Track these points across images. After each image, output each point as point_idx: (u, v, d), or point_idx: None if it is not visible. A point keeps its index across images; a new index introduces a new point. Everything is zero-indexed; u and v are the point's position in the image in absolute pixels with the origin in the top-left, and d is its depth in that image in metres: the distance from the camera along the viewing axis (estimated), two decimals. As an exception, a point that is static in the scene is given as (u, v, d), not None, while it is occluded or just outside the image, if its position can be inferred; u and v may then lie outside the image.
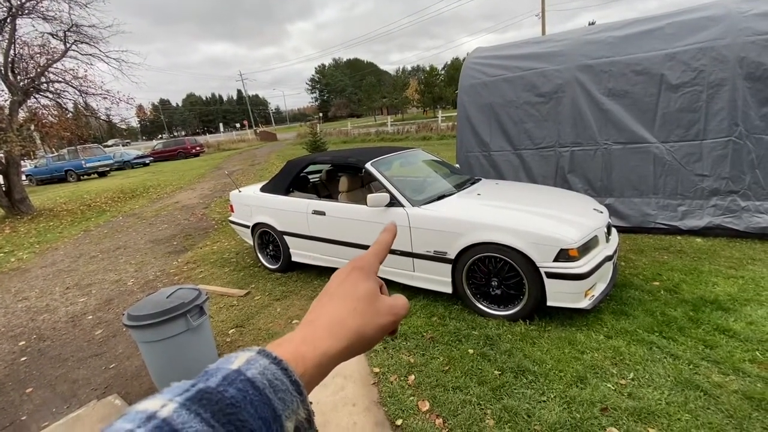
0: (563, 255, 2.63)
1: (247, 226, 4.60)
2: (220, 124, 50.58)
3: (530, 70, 5.07)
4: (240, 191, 4.73)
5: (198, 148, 27.65)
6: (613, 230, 3.22)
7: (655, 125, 4.38)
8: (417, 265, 3.26)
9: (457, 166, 4.77)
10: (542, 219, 2.84)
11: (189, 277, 4.60)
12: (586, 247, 2.71)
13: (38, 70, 10.09)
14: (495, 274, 2.91)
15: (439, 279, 3.18)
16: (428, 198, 3.35)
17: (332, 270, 4.03)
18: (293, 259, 4.25)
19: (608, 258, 2.83)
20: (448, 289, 3.15)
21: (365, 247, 3.67)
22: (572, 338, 2.58)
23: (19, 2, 9.66)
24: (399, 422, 2.08)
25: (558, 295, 2.69)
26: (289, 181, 4.20)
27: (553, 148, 4.99)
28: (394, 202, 3.30)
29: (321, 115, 45.23)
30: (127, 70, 11.68)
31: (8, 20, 9.52)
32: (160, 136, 79.56)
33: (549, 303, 2.72)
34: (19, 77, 10.01)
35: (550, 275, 2.66)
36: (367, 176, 4.36)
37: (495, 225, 2.82)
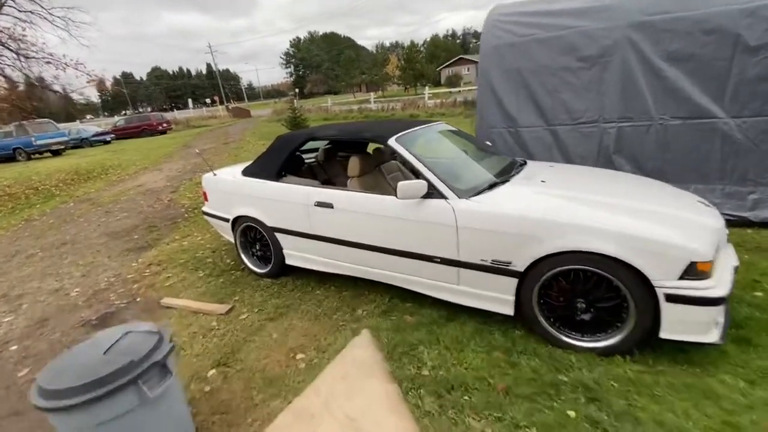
0: (692, 270, 1.85)
1: (225, 220, 3.63)
2: (189, 100, 47.35)
3: (570, 28, 4.20)
4: (215, 174, 3.72)
5: (165, 125, 25.59)
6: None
7: (725, 96, 3.64)
8: (464, 276, 2.43)
9: (489, 143, 3.93)
10: (655, 219, 2.05)
11: (152, 286, 3.61)
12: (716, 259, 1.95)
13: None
14: (583, 294, 2.12)
15: (495, 296, 2.37)
16: (478, 187, 2.49)
17: (341, 278, 3.16)
18: (288, 262, 3.34)
19: (736, 270, 2.08)
20: (508, 310, 2.35)
21: (392, 252, 2.67)
22: (705, 387, 1.84)
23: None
24: None
25: (679, 325, 1.93)
26: (281, 161, 3.23)
27: (596, 123, 4.21)
28: (432, 193, 2.43)
29: (297, 91, 43.00)
30: (75, 30, 10.03)
31: None
32: (123, 112, 74.46)
33: (663, 335, 1.96)
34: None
35: (672, 298, 1.88)
36: (380, 156, 3.45)
37: (591, 227, 2.01)
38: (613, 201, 2.28)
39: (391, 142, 2.68)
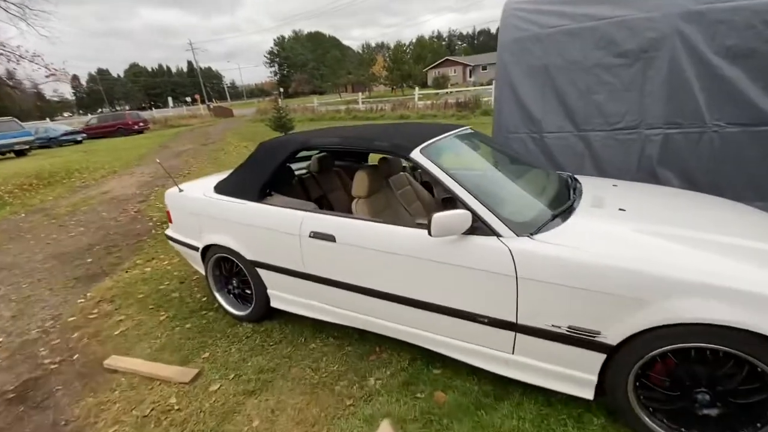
0: None
1: (194, 248, 2.87)
2: (169, 99, 45.45)
3: (606, 19, 3.59)
4: (181, 190, 2.96)
5: (141, 124, 24.25)
6: None
7: (793, 100, 3.09)
8: (523, 344, 1.76)
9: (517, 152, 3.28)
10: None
11: (97, 335, 2.82)
12: None
13: None
14: (709, 382, 1.47)
15: (568, 374, 1.70)
16: (539, 219, 1.82)
17: (342, 328, 2.45)
18: (274, 304, 2.62)
19: None
20: (587, 394, 1.69)
21: (418, 305, 1.93)
22: None
23: None
24: None
25: None
26: (266, 177, 2.49)
27: (637, 129, 3.60)
28: (477, 227, 1.75)
29: (281, 90, 41.95)
30: (34, 20, 9.00)
31: None
32: (99, 110, 71.50)
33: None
34: None
35: None
36: (388, 167, 2.75)
37: (727, 288, 1.36)
38: (735, 241, 1.64)
39: (416, 155, 1.99)
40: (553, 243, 1.65)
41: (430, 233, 1.70)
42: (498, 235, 1.72)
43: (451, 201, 3.67)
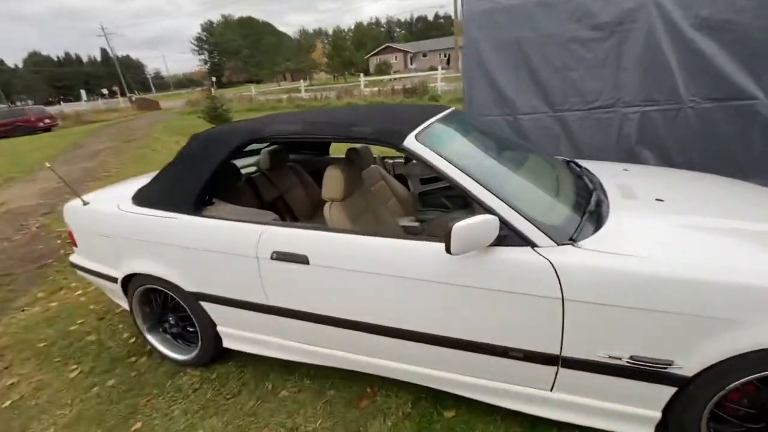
0: None
1: (111, 279, 2.17)
2: (82, 91, 40.12)
3: (580, -13, 3.33)
4: (86, 203, 2.22)
5: (47, 121, 21.12)
6: None
7: (765, 74, 3.03)
8: (565, 380, 1.38)
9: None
10: None
11: (-25, 409, 2.04)
12: None
13: None
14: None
15: (622, 411, 1.36)
16: (574, 220, 1.44)
17: (318, 365, 1.94)
18: (227, 345, 2.03)
19: None
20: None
21: (431, 340, 1.53)
22: None
23: None
24: None
25: None
26: (205, 179, 1.86)
27: (614, 107, 3.41)
28: (505, 235, 1.32)
29: (214, 80, 38.89)
30: None
31: None
32: (-6, 106, 61.66)
33: None
34: None
35: None
36: (359, 160, 2.24)
37: None
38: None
39: (411, 143, 1.50)
40: (606, 251, 1.26)
41: (448, 250, 1.24)
42: (533, 245, 1.31)
43: (429, 196, 3.27)
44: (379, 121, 1.67)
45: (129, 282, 2.13)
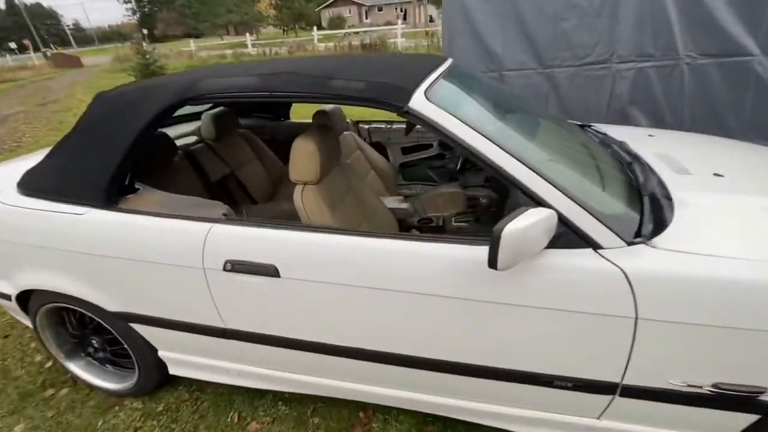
0: None
1: (2, 296, 1.60)
2: (-18, 45, 34.31)
3: None
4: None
5: (-61, 80, 17.79)
6: None
7: (761, 28, 2.82)
8: (619, 408, 1.10)
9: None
10: None
11: None
12: None
13: None
14: None
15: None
16: (634, 211, 1.10)
17: (282, 396, 1.56)
18: (174, 371, 1.58)
19: None
20: (711, 463, 1.12)
21: (448, 368, 1.19)
22: None
23: None
24: None
25: None
26: (121, 156, 1.30)
27: (608, 63, 3.10)
28: (559, 235, 0.95)
29: (145, 33, 34.50)
30: None
31: None
32: None
33: None
34: None
35: None
36: (332, 127, 1.77)
37: None
38: None
39: (420, 104, 1.06)
40: (690, 251, 0.94)
41: (494, 264, 0.86)
42: (596, 246, 0.96)
43: (411, 167, 2.85)
44: (369, 73, 1.19)
45: (26, 300, 1.57)
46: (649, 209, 1.10)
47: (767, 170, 1.44)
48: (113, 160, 1.30)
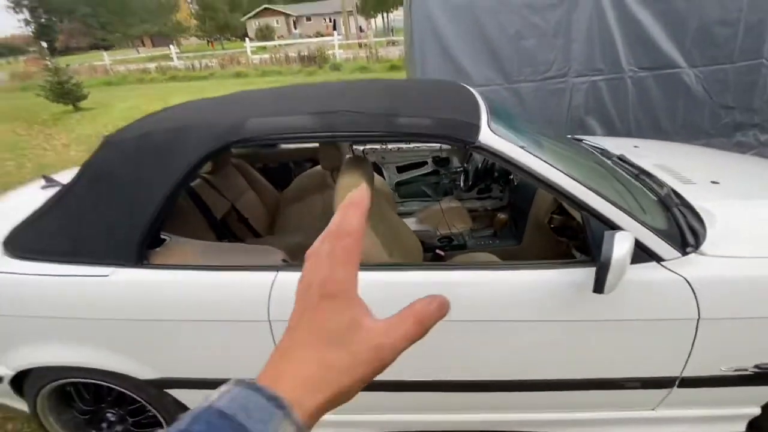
0: None
1: (-9, 379, 1.35)
2: None
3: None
4: None
5: None
6: None
7: (686, 43, 3.30)
8: (674, 398, 1.23)
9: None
10: None
11: None
12: None
13: None
14: None
15: (723, 414, 1.28)
16: (678, 222, 1.23)
17: None
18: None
19: None
20: (738, 427, 1.30)
21: (522, 387, 1.26)
22: None
23: None
24: None
25: None
26: (154, 211, 1.17)
27: (566, 78, 3.40)
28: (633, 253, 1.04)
29: (45, 46, 30.72)
30: None
31: None
32: None
33: None
34: None
35: None
36: (341, 154, 1.76)
37: None
38: None
39: (489, 138, 1.10)
40: (733, 255, 1.09)
41: (600, 289, 0.92)
42: (659, 259, 1.07)
43: (406, 185, 2.87)
44: (425, 108, 1.20)
45: (24, 380, 1.34)
46: (683, 221, 1.24)
47: (749, 174, 1.70)
48: (146, 213, 1.17)
